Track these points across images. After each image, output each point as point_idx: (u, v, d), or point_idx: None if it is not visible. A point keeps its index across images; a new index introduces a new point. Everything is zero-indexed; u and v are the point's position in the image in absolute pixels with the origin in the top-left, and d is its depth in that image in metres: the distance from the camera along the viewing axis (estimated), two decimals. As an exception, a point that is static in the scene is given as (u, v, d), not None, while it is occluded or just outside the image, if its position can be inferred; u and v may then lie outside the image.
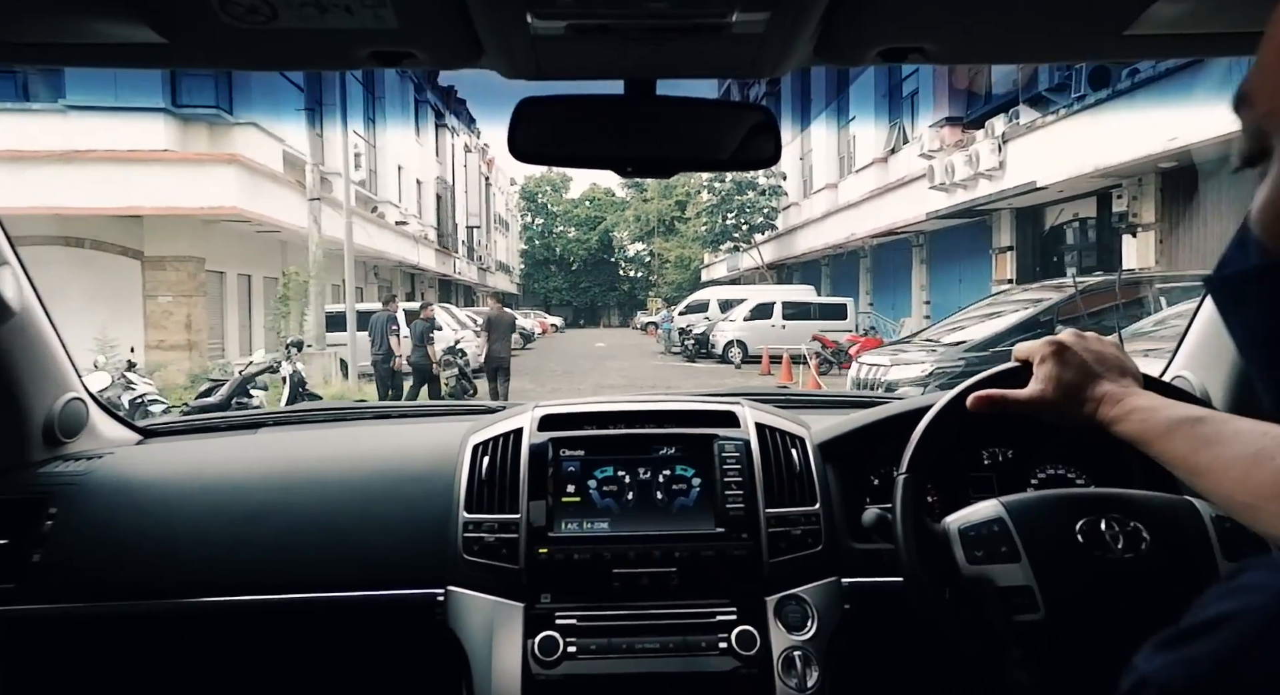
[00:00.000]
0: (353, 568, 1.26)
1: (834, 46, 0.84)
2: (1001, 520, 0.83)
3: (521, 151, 0.93)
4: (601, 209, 59.22)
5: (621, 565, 1.18)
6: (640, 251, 59.91)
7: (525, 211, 62.34)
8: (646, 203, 53.75)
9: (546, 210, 61.39)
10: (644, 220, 54.53)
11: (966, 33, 0.83)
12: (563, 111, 0.94)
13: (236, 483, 1.36)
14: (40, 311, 1.36)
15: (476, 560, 1.21)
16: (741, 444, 1.28)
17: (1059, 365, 0.82)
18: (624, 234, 58.29)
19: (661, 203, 51.23)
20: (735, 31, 0.79)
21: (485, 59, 0.87)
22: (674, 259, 48.29)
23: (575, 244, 59.13)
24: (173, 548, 1.27)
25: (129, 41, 0.82)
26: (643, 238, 56.43)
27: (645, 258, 59.01)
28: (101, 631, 1.28)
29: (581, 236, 58.96)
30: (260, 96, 15.19)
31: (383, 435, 1.58)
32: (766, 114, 0.95)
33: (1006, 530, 0.82)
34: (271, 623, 1.28)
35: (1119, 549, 0.81)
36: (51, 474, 1.36)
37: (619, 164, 0.99)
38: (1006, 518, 0.83)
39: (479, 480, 1.27)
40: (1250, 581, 0.37)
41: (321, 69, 1.71)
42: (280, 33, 0.79)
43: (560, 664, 1.12)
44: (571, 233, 59.90)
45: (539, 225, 61.88)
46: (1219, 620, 0.36)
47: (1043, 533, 0.83)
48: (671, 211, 51.22)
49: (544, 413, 1.34)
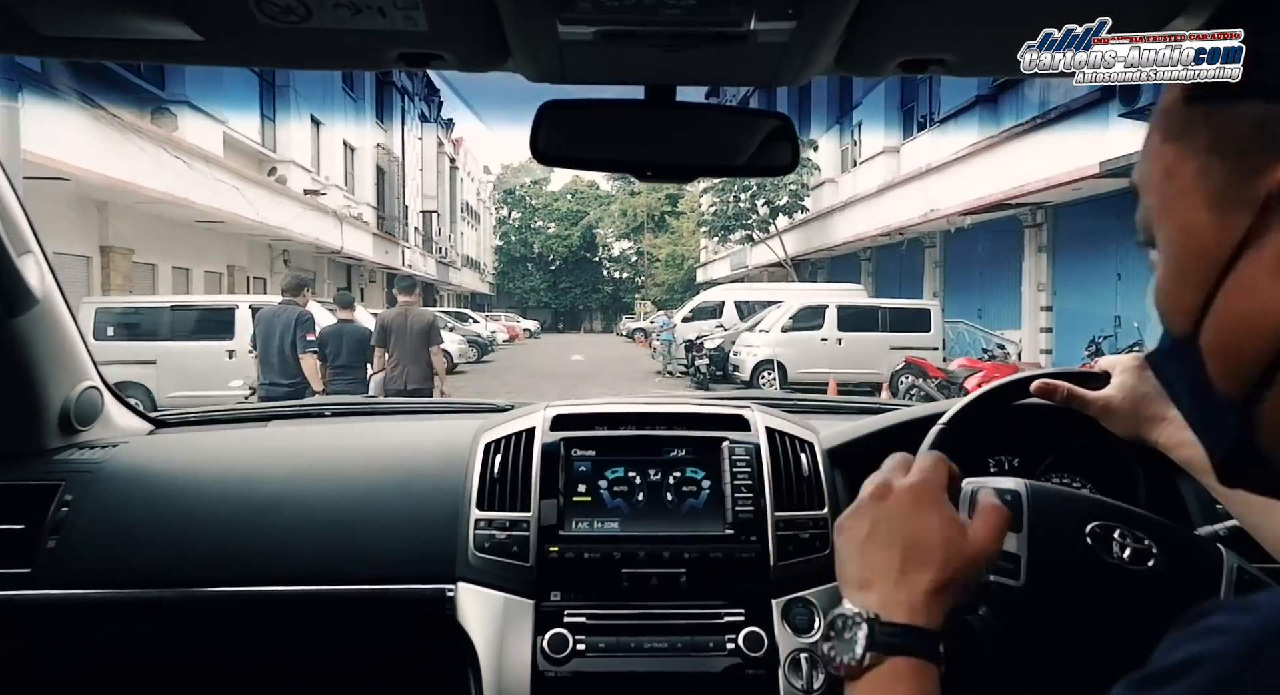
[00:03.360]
0: (363, 562, 1.25)
1: (855, 57, 0.86)
2: (1017, 493, 0.83)
3: (543, 154, 0.96)
4: (584, 203, 55.77)
5: (631, 565, 1.18)
6: (627, 250, 57.10)
7: (501, 204, 58.22)
8: (634, 197, 50.08)
9: (524, 203, 58.04)
10: (631, 215, 51.17)
11: (988, 45, 0.84)
12: (584, 116, 0.96)
13: (248, 474, 1.37)
14: (60, 299, 1.39)
15: (487, 557, 1.21)
16: (752, 447, 1.28)
17: (1138, 379, 0.85)
18: (609, 230, 55.19)
19: (651, 197, 47.42)
20: (759, 40, 0.80)
21: (511, 62, 0.89)
22: (665, 257, 44.34)
23: (555, 240, 55.87)
24: (184, 537, 1.27)
25: (166, 38, 0.84)
26: (629, 234, 54.14)
27: (632, 257, 55.97)
28: (113, 618, 1.27)
29: (562, 233, 55.63)
30: None
31: (394, 431, 1.59)
32: (785, 121, 0.98)
33: (1019, 503, 0.82)
34: (281, 614, 1.27)
35: (1122, 557, 0.79)
36: (67, 461, 1.37)
37: (638, 169, 1.01)
38: (1024, 493, 0.83)
39: (491, 478, 1.27)
40: (1217, 624, 0.37)
41: (351, 69, 1.60)
42: (313, 32, 0.81)
43: (569, 661, 1.12)
44: (551, 228, 56.75)
45: (516, 219, 58.82)
46: (1189, 663, 0.37)
47: (1053, 519, 0.82)
48: (662, 206, 47.85)
49: (556, 412, 1.34)
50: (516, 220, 58.05)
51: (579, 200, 55.57)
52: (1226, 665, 0.35)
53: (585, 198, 55.42)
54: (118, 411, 1.53)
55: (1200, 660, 0.36)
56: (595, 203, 54.95)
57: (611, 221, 53.45)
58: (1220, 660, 0.35)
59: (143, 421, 1.58)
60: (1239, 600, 0.38)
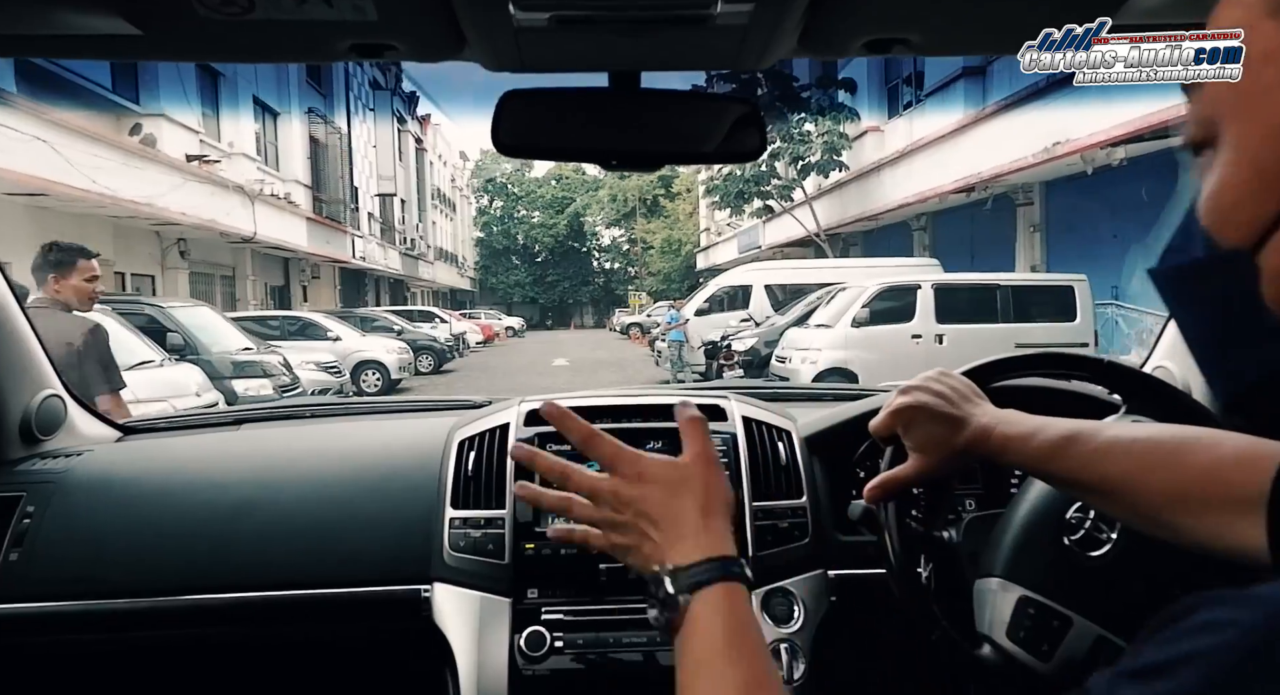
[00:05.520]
0: (337, 564, 1.24)
1: (818, 38, 0.85)
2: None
3: (505, 144, 0.94)
4: (570, 189, 51.99)
5: (608, 560, 1.11)
6: (618, 237, 54.20)
7: (481, 192, 53.85)
8: (624, 179, 46.23)
9: (506, 191, 54.12)
10: (621, 200, 47.45)
11: (952, 24, 0.84)
12: (547, 105, 0.95)
13: (218, 479, 1.35)
14: (15, 307, 1.37)
15: (463, 556, 1.20)
16: (728, 437, 1.28)
17: (917, 429, 0.80)
18: (598, 217, 51.74)
19: (642, 179, 43.72)
20: (719, 23, 0.79)
21: (467, 51, 0.88)
22: (660, 243, 41.52)
23: (540, 230, 52.07)
24: (153, 546, 1.26)
25: (102, 33, 0.81)
26: (620, 221, 50.39)
27: (624, 245, 52.62)
28: (81, 631, 1.25)
29: (547, 221, 51.77)
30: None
31: (367, 431, 1.57)
32: (751, 107, 0.97)
33: None
34: (255, 620, 1.25)
35: (1078, 539, 0.81)
36: (28, 472, 1.35)
37: (603, 157, 1.00)
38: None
39: (465, 476, 1.26)
40: (1219, 618, 0.36)
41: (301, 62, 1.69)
42: (258, 24, 0.78)
43: (547, 659, 1.12)
44: (536, 217, 52.92)
45: (497, 208, 54.96)
46: (1187, 658, 0.35)
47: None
48: (654, 188, 44.04)
49: (530, 407, 1.33)
50: (498, 209, 54.04)
51: (564, 186, 51.76)
52: (1230, 659, 0.33)
53: (571, 183, 51.60)
54: (82, 419, 1.51)
55: (1199, 655, 0.34)
56: (582, 188, 51.23)
57: (600, 207, 49.98)
58: (1222, 654, 0.34)
59: (110, 429, 1.55)
60: (1236, 592, 0.36)
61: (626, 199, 46.64)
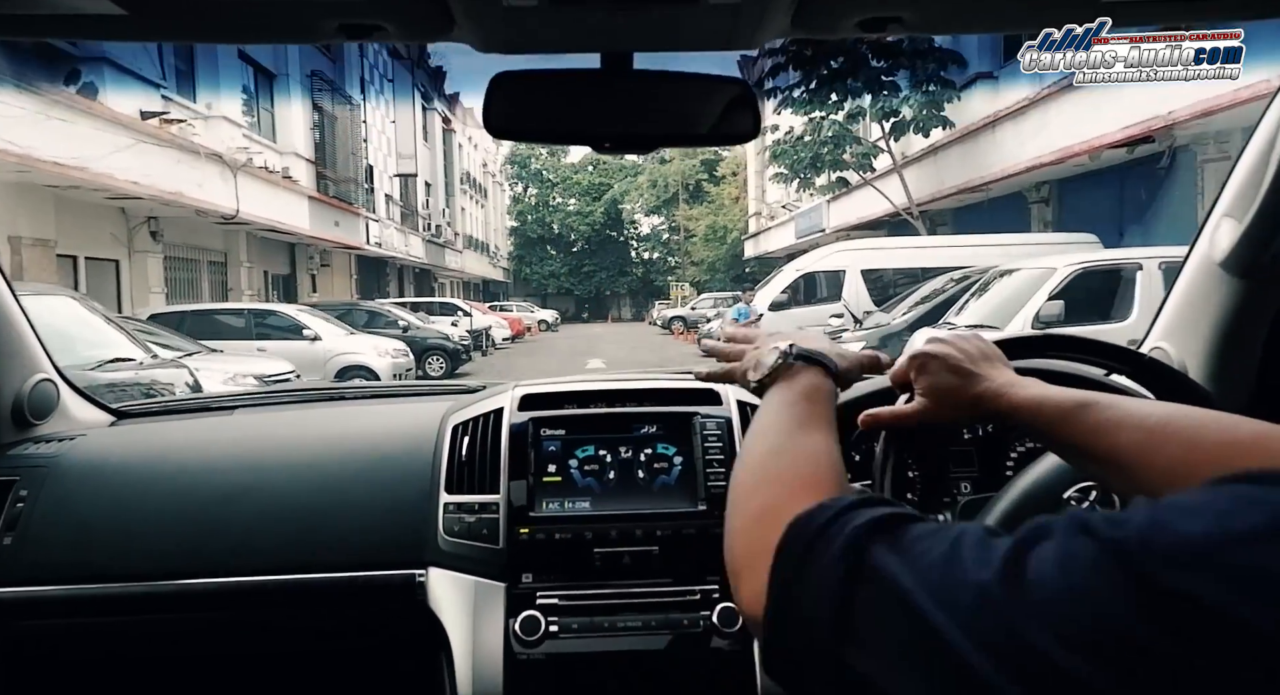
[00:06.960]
0: (331, 549, 1.25)
1: (811, 16, 0.85)
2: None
3: (496, 127, 0.94)
4: (608, 175, 49.41)
5: (603, 544, 1.19)
6: (658, 226, 51.21)
7: (515, 179, 51.63)
8: (665, 164, 43.58)
9: (540, 178, 51.75)
10: (662, 186, 44.66)
11: (945, 2, 0.83)
12: (538, 86, 0.95)
13: (212, 464, 1.35)
14: (7, 290, 1.37)
15: (457, 541, 1.21)
16: (723, 422, 1.28)
17: (929, 375, 0.81)
18: (636, 204, 49.18)
19: (685, 163, 41.39)
20: (710, 2, 0.80)
21: (457, 31, 0.87)
22: (703, 231, 37.97)
23: (576, 218, 49.57)
24: (146, 530, 1.26)
25: (86, 12, 0.81)
26: (660, 208, 47.84)
27: (664, 233, 49.93)
28: (74, 615, 1.26)
29: (584, 209, 49.31)
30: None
31: (361, 416, 1.58)
32: (744, 87, 0.97)
33: None
34: (249, 605, 1.26)
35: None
36: (20, 456, 1.35)
37: (595, 140, 1.00)
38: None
39: (459, 461, 1.27)
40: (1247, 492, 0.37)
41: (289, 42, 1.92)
42: (244, 4, 0.78)
43: (542, 643, 1.13)
44: (571, 205, 50.41)
45: (532, 196, 52.62)
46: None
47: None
48: (697, 173, 41.06)
49: (524, 392, 1.34)
50: (533, 197, 51.75)
51: (601, 172, 49.20)
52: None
53: (609, 169, 48.98)
54: (76, 403, 1.51)
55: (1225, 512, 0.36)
56: (620, 174, 48.62)
57: (639, 194, 47.32)
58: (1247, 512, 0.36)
59: (104, 413, 1.56)
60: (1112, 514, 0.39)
61: (668, 184, 44.14)
